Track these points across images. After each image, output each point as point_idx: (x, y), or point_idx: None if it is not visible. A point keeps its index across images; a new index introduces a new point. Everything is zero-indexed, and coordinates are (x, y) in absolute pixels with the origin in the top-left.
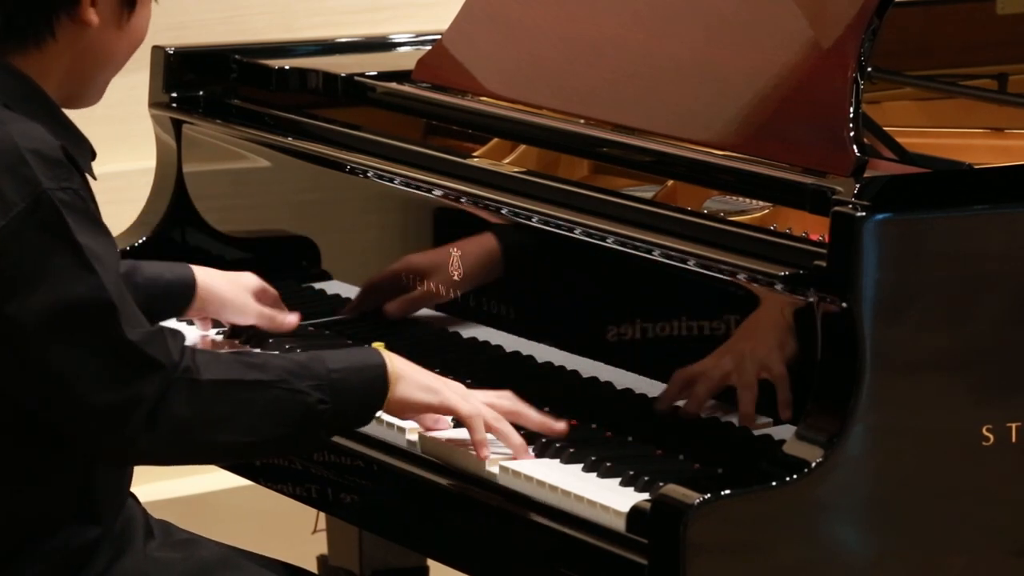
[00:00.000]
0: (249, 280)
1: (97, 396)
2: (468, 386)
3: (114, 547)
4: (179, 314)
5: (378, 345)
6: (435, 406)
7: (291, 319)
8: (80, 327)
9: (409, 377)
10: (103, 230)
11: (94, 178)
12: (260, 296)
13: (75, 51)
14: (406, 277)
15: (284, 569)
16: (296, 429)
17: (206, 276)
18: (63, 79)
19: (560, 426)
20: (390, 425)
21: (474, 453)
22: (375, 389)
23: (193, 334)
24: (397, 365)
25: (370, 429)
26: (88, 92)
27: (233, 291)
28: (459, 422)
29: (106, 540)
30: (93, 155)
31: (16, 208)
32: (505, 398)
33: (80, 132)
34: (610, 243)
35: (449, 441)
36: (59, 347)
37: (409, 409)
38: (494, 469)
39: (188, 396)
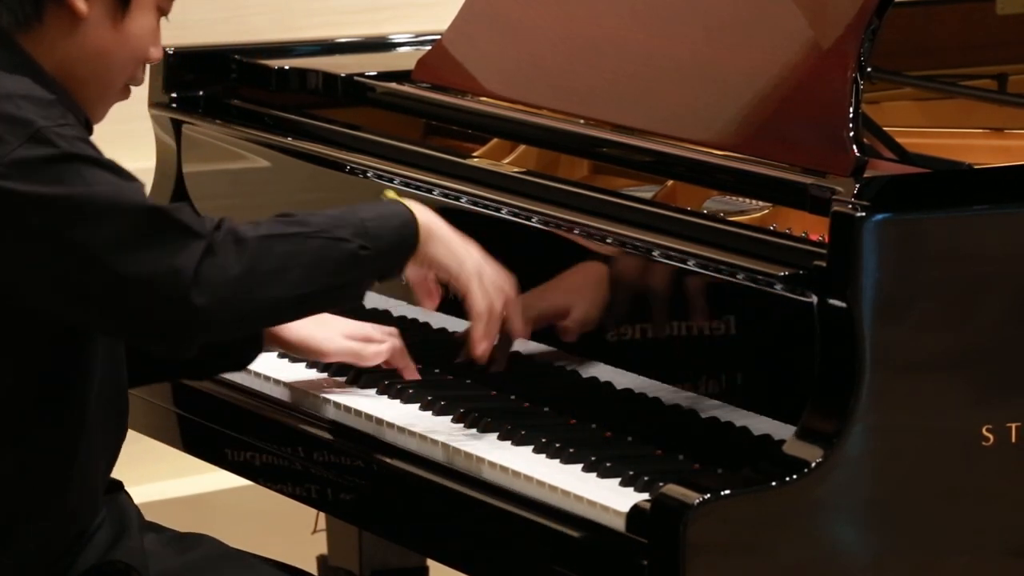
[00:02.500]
0: (342, 328)
1: (137, 276)
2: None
3: (111, 532)
4: (253, 352)
5: (390, 193)
6: (452, 277)
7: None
8: (100, 222)
9: (440, 236)
10: (104, 158)
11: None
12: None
13: (68, 44)
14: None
15: (283, 570)
16: (343, 277)
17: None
18: (54, 70)
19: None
20: (390, 425)
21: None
22: (406, 238)
23: None
24: (426, 218)
25: (374, 430)
26: (84, 99)
27: (312, 338)
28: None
29: (104, 524)
30: (90, 128)
31: (12, 146)
32: (509, 300)
33: (75, 103)
34: (610, 243)
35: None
36: (86, 249)
37: (432, 267)
38: (494, 469)
39: (235, 254)
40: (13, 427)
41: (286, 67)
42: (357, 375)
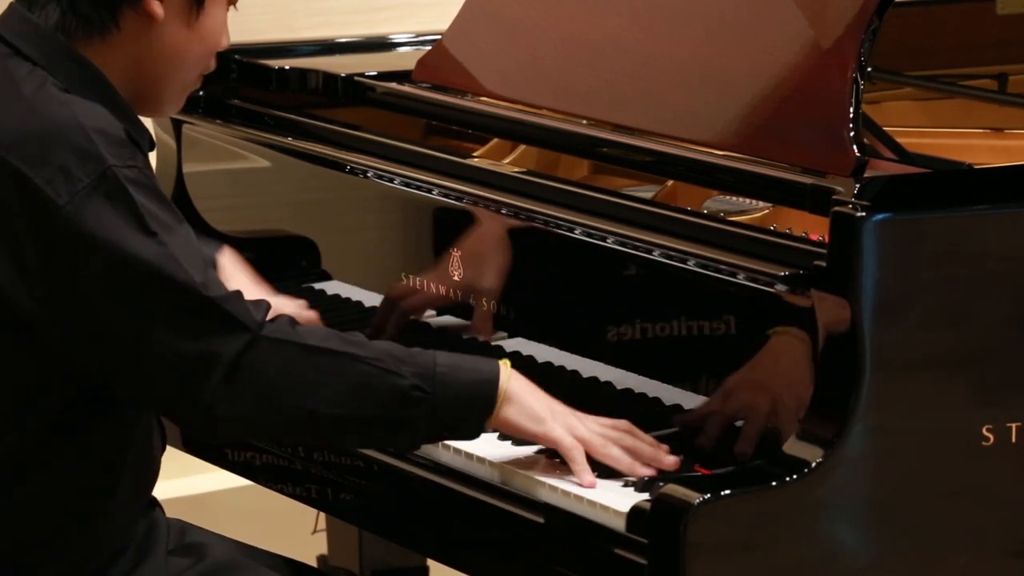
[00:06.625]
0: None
1: (172, 353)
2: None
3: (138, 552)
4: None
5: (504, 362)
6: (537, 436)
7: None
8: (150, 290)
9: (520, 400)
10: (168, 204)
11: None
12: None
13: (142, 46)
14: (406, 277)
15: (292, 568)
16: (387, 412)
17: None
18: (130, 74)
19: (670, 460)
20: None
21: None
22: (481, 397)
23: None
24: (513, 385)
25: None
26: (160, 95)
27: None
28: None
29: (131, 544)
30: (152, 145)
31: (82, 184)
32: (620, 426)
33: (140, 121)
34: (610, 243)
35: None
36: (134, 311)
37: (510, 431)
38: (494, 469)
39: (272, 355)
40: (42, 454)
41: (286, 67)
42: None
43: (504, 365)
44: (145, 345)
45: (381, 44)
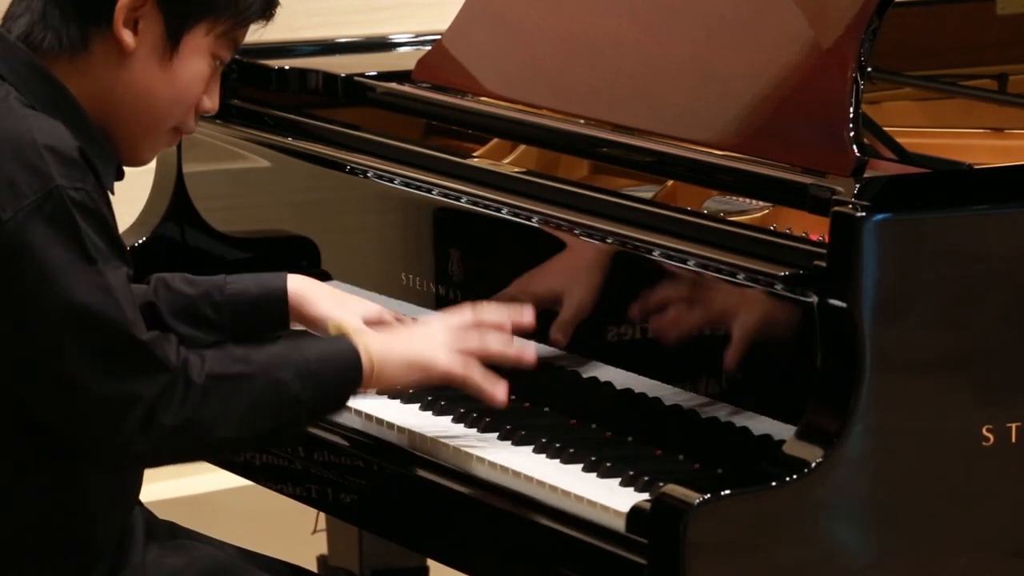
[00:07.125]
0: (360, 309)
1: (98, 390)
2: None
3: (115, 555)
4: (278, 329)
5: (340, 327)
6: (424, 382)
7: None
8: (83, 324)
9: (389, 359)
10: (112, 234)
11: (112, 192)
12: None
13: (112, 77)
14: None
15: (288, 570)
16: (281, 421)
17: (300, 290)
18: (99, 105)
19: (529, 356)
20: (390, 426)
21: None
22: (351, 377)
23: None
24: (372, 349)
25: (375, 430)
26: (131, 138)
27: (330, 313)
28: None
29: (108, 549)
30: (120, 174)
31: (26, 200)
32: (470, 337)
33: (107, 148)
34: (610, 243)
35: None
36: (62, 341)
37: (402, 386)
38: (494, 469)
39: (181, 399)
40: (15, 479)
41: (286, 67)
42: None
43: (354, 338)
44: (68, 377)
45: (381, 44)
